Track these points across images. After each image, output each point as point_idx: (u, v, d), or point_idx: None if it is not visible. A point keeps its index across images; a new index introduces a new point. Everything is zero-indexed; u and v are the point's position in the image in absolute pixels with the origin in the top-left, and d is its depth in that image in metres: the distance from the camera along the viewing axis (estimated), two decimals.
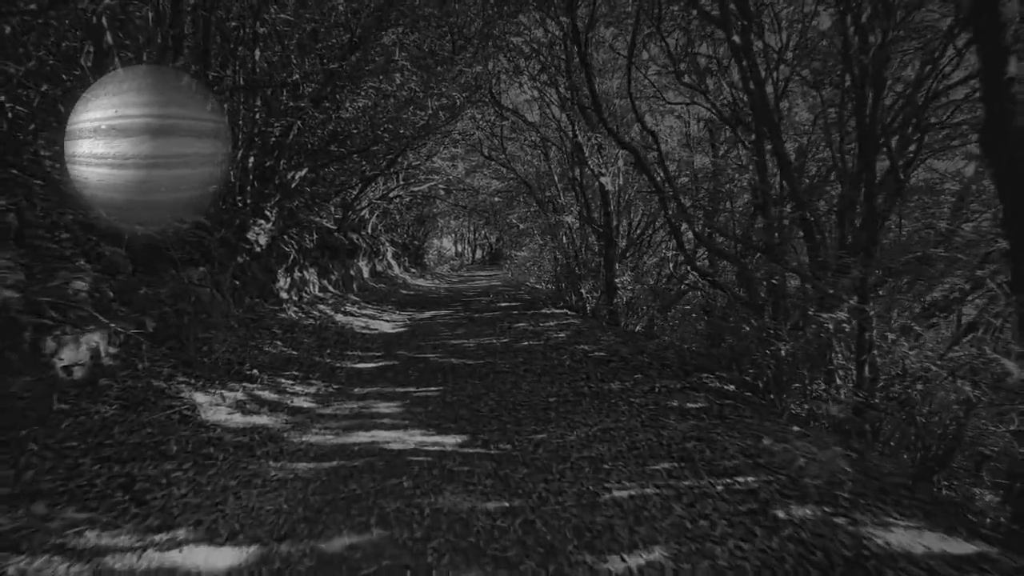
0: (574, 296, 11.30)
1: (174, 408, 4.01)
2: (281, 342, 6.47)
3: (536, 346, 6.85)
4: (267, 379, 5.09)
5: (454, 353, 6.83)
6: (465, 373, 5.81)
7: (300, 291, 9.83)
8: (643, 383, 5.11)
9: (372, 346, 7.31)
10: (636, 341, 6.95)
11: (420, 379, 5.58)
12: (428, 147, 14.42)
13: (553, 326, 7.93)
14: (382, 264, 18.48)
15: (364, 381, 5.48)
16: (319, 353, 6.45)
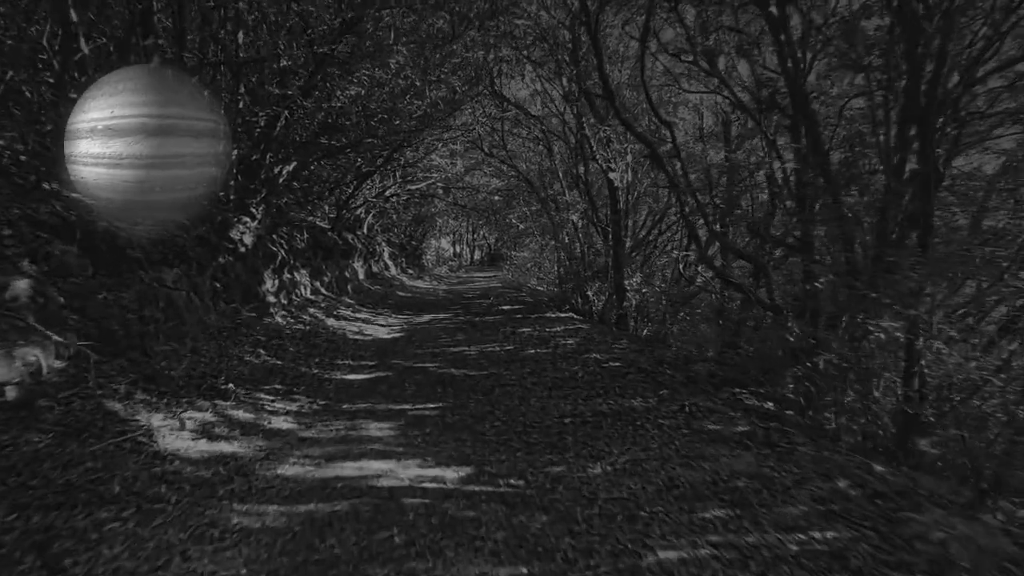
0: (580, 299, 10.67)
1: (126, 435, 3.39)
2: (264, 350, 5.82)
3: (544, 354, 6.21)
4: (243, 395, 4.46)
5: (454, 363, 6.18)
6: (467, 387, 5.17)
7: (290, 294, 9.19)
8: (670, 400, 4.50)
9: (365, 354, 6.66)
10: (653, 350, 6.33)
11: (417, 394, 4.94)
12: (426, 143, 13.79)
13: (560, 332, 7.29)
14: (378, 265, 17.84)
15: (354, 396, 4.84)
16: (306, 363, 5.80)
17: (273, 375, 5.19)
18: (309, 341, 6.83)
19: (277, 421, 4.16)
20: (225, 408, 4.20)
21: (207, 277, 6.48)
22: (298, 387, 5.00)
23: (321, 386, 5.17)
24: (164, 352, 4.72)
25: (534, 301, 12.27)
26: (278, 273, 8.85)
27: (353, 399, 4.78)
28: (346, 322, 8.86)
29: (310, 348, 6.53)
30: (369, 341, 7.63)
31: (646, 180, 10.70)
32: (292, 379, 5.20)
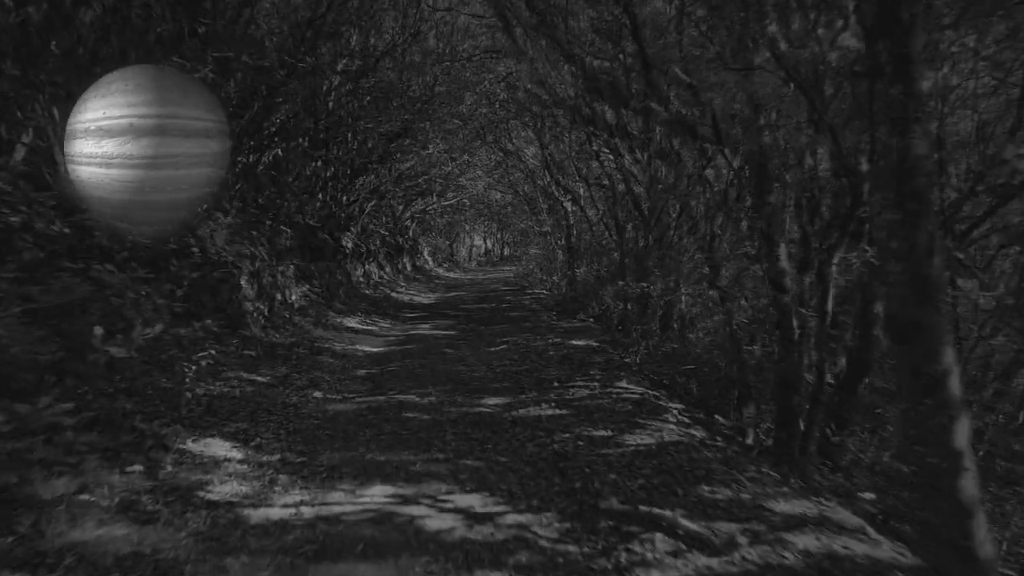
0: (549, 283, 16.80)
1: (336, 320, 9.72)
2: (366, 303, 12.27)
3: (502, 304, 12.45)
4: (365, 315, 10.85)
5: (462, 309, 12.45)
6: (470, 313, 11.42)
7: (369, 277, 15.66)
8: (538, 314, 10.55)
9: (425, 303, 13.03)
10: (562, 306, 12.35)
11: (448, 315, 11.23)
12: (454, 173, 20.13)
13: (528, 298, 13.53)
14: (420, 260, 24.28)
15: (419, 316, 11.20)
16: (385, 310, 12.24)
17: (374, 309, 11.56)
18: (386, 301, 13.26)
19: (384, 323, 10.45)
20: (366, 318, 10.51)
21: (335, 266, 12.88)
22: (386, 316, 11.32)
23: (396, 316, 11.49)
24: None
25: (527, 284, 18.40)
26: (362, 264, 15.28)
27: (412, 320, 11.08)
28: (402, 294, 15.27)
29: (388, 304, 12.94)
30: (417, 303, 14.01)
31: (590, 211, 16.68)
32: (382, 312, 11.56)
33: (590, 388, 5.45)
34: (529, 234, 30.20)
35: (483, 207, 26.94)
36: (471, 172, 21.81)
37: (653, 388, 5.80)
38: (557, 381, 5.78)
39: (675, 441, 4.01)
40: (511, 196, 24.63)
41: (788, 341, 5.15)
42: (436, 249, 28.67)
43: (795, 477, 4.19)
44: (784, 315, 5.17)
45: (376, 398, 5.44)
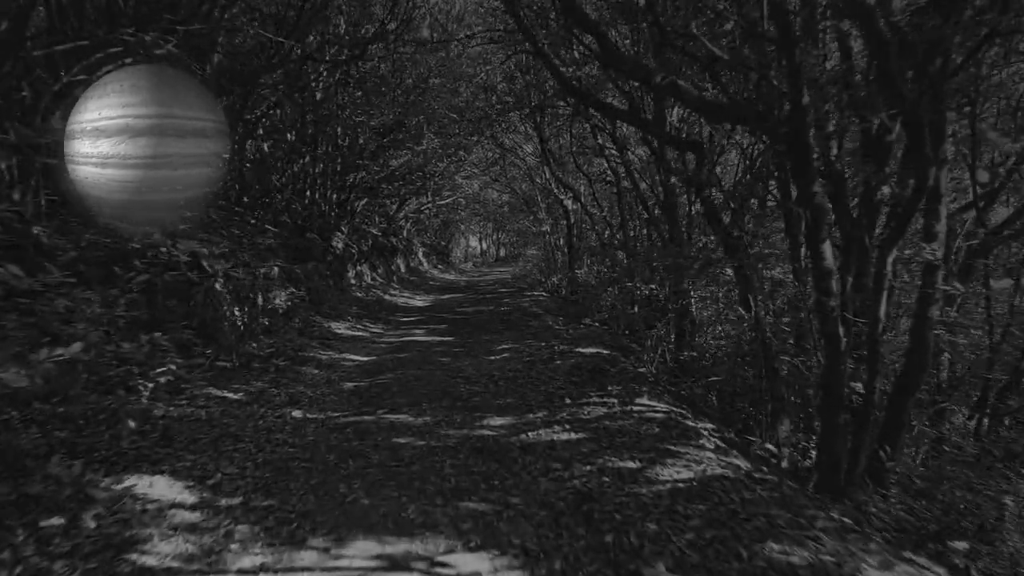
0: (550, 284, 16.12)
1: (322, 325, 9.01)
2: (356, 307, 11.55)
3: (509, 309, 11.82)
4: (356, 319, 10.12)
5: (460, 313, 11.80)
6: (462, 319, 10.75)
7: (361, 278, 14.94)
8: (551, 318, 9.90)
9: (411, 311, 12.34)
10: (564, 306, 11.69)
11: (439, 321, 10.56)
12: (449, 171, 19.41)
13: (527, 300, 12.95)
14: (415, 261, 23.56)
15: (407, 324, 10.49)
16: (379, 313, 11.53)
17: (366, 313, 10.87)
18: (378, 304, 12.56)
19: (375, 328, 9.76)
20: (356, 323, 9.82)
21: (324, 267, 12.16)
22: (378, 321, 10.63)
23: (389, 320, 10.81)
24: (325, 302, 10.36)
25: (525, 286, 17.73)
26: (354, 266, 14.56)
27: (406, 325, 10.39)
28: (396, 297, 14.56)
29: (380, 307, 12.24)
30: (411, 306, 13.31)
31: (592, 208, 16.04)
32: (374, 316, 10.86)
33: (607, 406, 4.79)
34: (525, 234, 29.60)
35: (479, 207, 26.26)
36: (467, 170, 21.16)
37: (677, 404, 5.15)
38: (569, 397, 5.11)
39: (718, 475, 3.35)
40: (508, 195, 23.97)
41: (835, 351, 4.50)
42: (431, 250, 27.94)
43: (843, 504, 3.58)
44: (828, 321, 4.52)
45: (363, 418, 4.75)
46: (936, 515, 4.19)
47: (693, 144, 6.05)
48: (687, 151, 6.59)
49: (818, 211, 4.47)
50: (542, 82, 11.17)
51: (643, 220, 12.36)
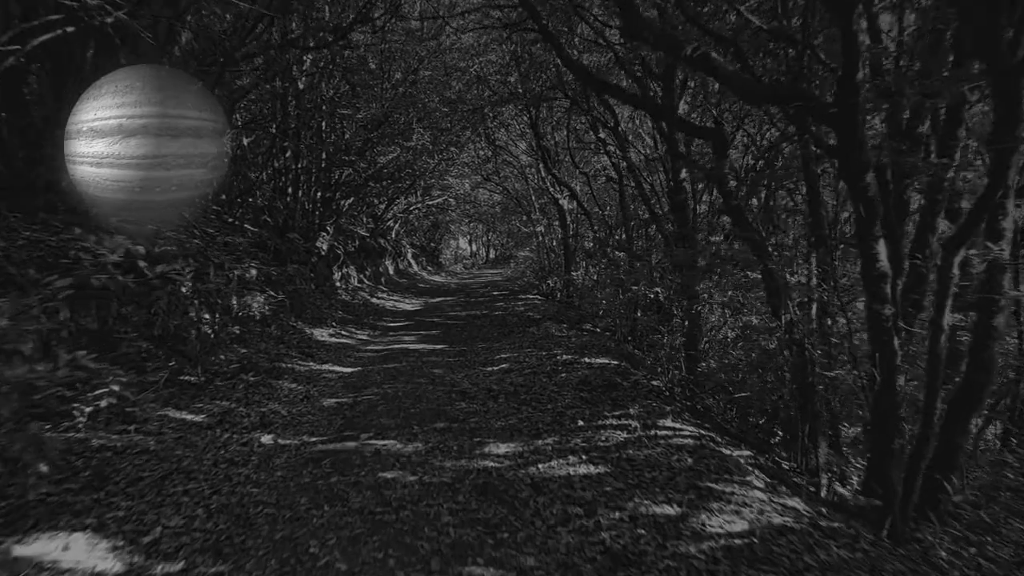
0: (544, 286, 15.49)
1: (304, 333, 8.31)
2: (342, 311, 10.84)
3: (504, 313, 11.16)
4: (339, 325, 9.41)
5: (451, 317, 11.11)
6: (454, 326, 10.07)
7: (347, 281, 14.20)
8: (548, 323, 9.27)
9: (399, 315, 11.64)
10: (562, 310, 11.07)
11: (428, 328, 9.87)
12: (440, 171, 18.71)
13: (521, 304, 12.27)
14: (403, 263, 22.82)
15: (396, 330, 9.80)
16: (365, 317, 10.83)
17: (351, 318, 10.16)
18: (365, 308, 11.84)
19: (361, 335, 9.07)
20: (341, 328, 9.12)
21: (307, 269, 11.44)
22: (364, 327, 9.94)
23: (376, 326, 10.11)
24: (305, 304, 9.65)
25: (518, 289, 17.07)
26: (340, 268, 13.84)
27: (395, 331, 9.71)
28: (384, 300, 13.84)
29: (366, 312, 11.53)
30: (400, 310, 12.61)
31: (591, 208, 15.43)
32: (360, 321, 10.16)
33: (628, 429, 4.15)
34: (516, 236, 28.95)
35: (469, 207, 25.57)
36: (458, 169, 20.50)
37: (703, 425, 4.53)
38: (581, 418, 4.47)
39: (778, 526, 2.72)
40: (500, 195, 23.32)
41: (889, 366, 3.90)
42: (420, 251, 27.21)
43: None
44: (882, 332, 3.92)
45: (344, 444, 4.08)
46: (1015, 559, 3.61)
47: (713, 132, 5.44)
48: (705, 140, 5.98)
49: (871, 205, 3.88)
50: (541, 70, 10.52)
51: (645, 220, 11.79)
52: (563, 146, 13.14)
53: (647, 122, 12.56)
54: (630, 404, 4.79)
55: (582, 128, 12.65)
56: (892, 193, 4.39)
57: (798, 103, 3.97)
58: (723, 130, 5.47)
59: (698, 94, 7.71)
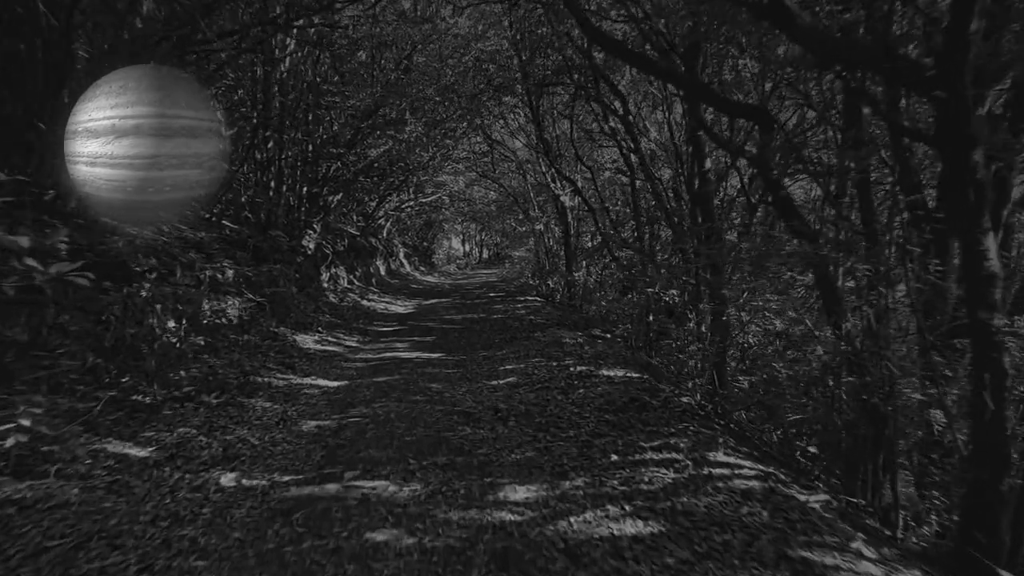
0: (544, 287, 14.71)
1: (286, 340, 7.48)
2: (330, 315, 10.02)
3: (502, 317, 10.34)
4: (327, 332, 8.59)
5: (446, 322, 10.31)
6: (450, 331, 9.28)
7: (336, 282, 13.36)
8: (551, 329, 8.48)
9: (391, 319, 10.82)
10: (566, 314, 10.27)
11: (422, 335, 9.06)
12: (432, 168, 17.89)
13: (520, 307, 11.47)
14: (395, 263, 21.97)
15: (386, 336, 8.98)
16: (355, 322, 10.02)
17: (339, 323, 9.34)
18: (354, 311, 11.02)
19: (350, 341, 8.25)
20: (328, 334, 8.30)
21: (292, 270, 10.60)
22: (353, 332, 9.13)
23: (367, 331, 9.30)
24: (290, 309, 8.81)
25: (516, 290, 16.28)
26: (328, 268, 12.99)
27: (386, 336, 8.90)
28: (375, 302, 13.01)
29: (356, 315, 10.71)
30: (392, 313, 11.79)
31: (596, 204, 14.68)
32: (349, 326, 9.35)
33: (675, 466, 3.37)
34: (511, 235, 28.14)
35: (464, 205, 24.74)
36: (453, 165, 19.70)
37: (758, 456, 3.76)
38: (613, 450, 3.69)
39: None
40: (495, 193, 22.54)
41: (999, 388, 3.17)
42: (413, 251, 26.36)
43: None
44: (989, 347, 3.18)
45: (324, 488, 3.28)
46: None
47: (758, 111, 4.69)
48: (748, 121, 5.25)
49: (981, 190, 3.13)
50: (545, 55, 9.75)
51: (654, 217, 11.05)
52: (565, 139, 12.39)
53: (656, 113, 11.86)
54: (666, 428, 4.02)
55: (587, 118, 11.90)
56: None
57: (881, 63, 3.22)
58: (767, 110, 4.71)
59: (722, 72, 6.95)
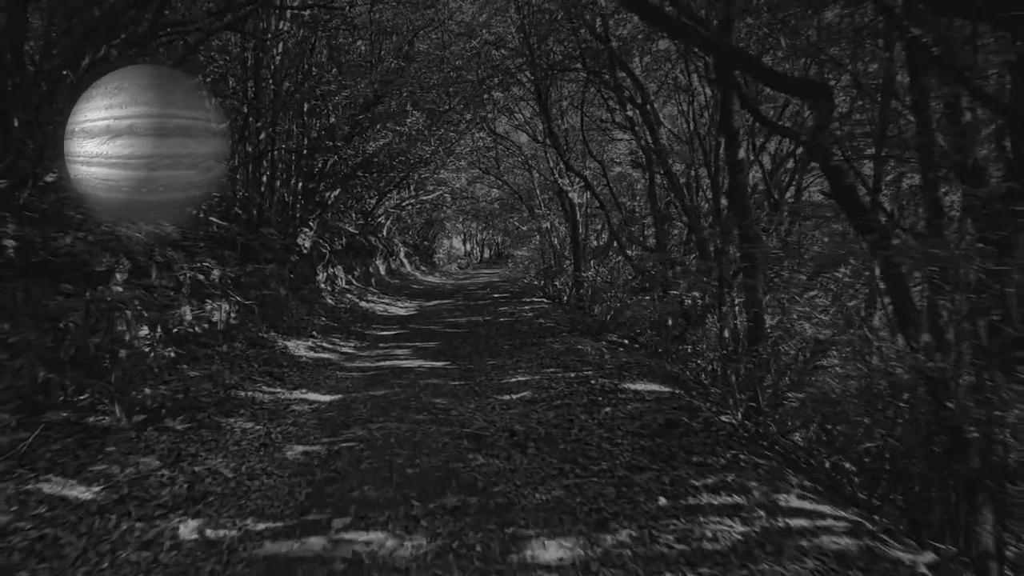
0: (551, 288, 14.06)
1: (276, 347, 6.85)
2: (326, 318, 9.39)
3: (509, 320, 9.67)
4: (322, 336, 7.96)
5: (450, 326, 9.67)
6: (454, 335, 8.62)
7: (333, 282, 12.72)
8: (563, 335, 7.82)
9: (391, 321, 10.17)
10: (576, 317, 9.63)
11: (423, 340, 8.41)
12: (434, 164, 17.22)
13: (527, 308, 10.82)
14: (396, 263, 21.33)
15: (386, 340, 8.34)
16: (353, 324, 9.38)
17: (336, 326, 8.71)
18: (352, 314, 10.39)
19: (346, 347, 7.61)
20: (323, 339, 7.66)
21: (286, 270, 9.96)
22: (351, 336, 8.50)
23: (365, 335, 8.67)
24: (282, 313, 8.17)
25: (520, 290, 15.63)
26: (325, 268, 12.36)
27: (386, 341, 8.27)
28: (374, 304, 12.37)
29: (354, 318, 10.08)
30: (392, 315, 11.15)
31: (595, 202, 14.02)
32: (347, 329, 8.72)
33: (740, 515, 2.73)
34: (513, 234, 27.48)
35: (466, 203, 24.08)
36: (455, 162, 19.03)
37: (838, 499, 3.12)
38: (661, 490, 3.05)
39: None
40: (498, 191, 21.88)
41: None
42: (414, 250, 25.71)
43: None
44: None
45: (306, 543, 2.64)
46: None
47: (811, 86, 4.04)
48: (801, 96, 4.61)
49: None
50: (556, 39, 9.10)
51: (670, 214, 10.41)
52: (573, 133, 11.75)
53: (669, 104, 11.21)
54: (715, 459, 3.38)
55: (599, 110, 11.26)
56: None
57: None
58: (826, 85, 4.06)
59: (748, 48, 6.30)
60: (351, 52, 11.77)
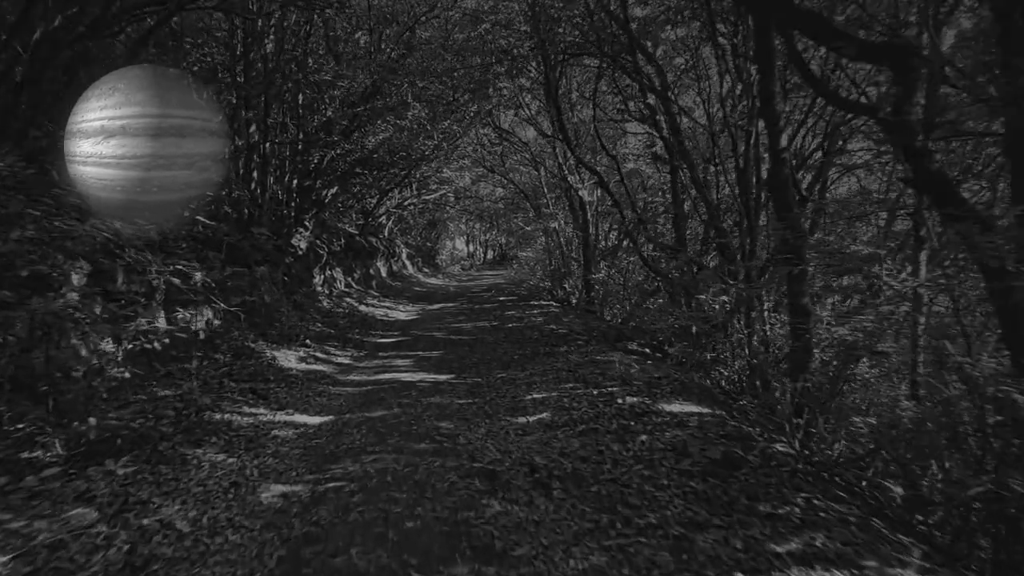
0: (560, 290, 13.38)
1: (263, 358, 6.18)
2: (321, 324, 8.73)
3: (518, 326, 8.99)
4: (316, 345, 7.29)
5: (453, 332, 8.99)
6: (459, 343, 7.95)
7: (331, 285, 12.06)
8: (580, 343, 7.14)
9: (392, 327, 9.49)
10: (588, 322, 8.93)
11: (425, 348, 7.74)
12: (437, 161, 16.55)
13: (536, 313, 10.14)
14: (397, 264, 20.67)
15: (386, 348, 7.66)
16: (350, 331, 8.72)
17: (332, 333, 8.05)
18: (350, 319, 9.72)
19: (342, 357, 6.95)
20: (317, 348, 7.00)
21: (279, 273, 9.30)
22: (347, 344, 7.83)
23: (363, 343, 8.00)
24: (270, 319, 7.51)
25: (527, 293, 14.95)
26: (322, 270, 11.70)
27: (386, 350, 7.60)
28: (374, 308, 11.70)
29: (351, 324, 9.41)
30: (392, 320, 10.48)
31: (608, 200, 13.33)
32: (343, 336, 8.05)
33: None
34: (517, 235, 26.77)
35: (469, 202, 23.43)
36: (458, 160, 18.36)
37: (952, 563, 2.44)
38: (737, 565, 2.36)
39: None
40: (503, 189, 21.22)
41: None
42: (416, 252, 25.05)
43: None
44: None
45: None
46: None
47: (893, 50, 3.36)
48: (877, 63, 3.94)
49: None
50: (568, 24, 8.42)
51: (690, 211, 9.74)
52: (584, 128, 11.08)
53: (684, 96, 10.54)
54: (786, 507, 2.70)
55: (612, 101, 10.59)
56: None
57: None
58: (912, 50, 3.37)
59: None
60: (348, 42, 11.14)
